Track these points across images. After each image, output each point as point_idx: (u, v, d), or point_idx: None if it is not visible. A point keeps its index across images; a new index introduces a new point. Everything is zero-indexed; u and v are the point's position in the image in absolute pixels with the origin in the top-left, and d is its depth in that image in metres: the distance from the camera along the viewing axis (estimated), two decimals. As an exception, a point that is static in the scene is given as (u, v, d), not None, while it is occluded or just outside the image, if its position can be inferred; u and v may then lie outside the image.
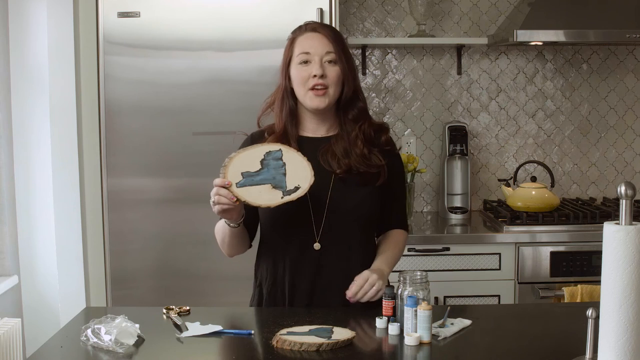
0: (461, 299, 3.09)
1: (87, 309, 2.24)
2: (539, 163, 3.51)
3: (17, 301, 2.89)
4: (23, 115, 2.87)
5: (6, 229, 2.82)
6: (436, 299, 3.04)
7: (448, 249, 3.09)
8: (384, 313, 1.89)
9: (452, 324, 1.89)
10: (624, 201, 1.46)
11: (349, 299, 1.96)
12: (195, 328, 1.88)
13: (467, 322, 1.91)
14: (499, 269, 3.10)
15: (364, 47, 3.58)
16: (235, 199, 1.88)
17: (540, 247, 3.09)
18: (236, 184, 1.89)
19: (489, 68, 3.66)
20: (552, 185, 3.38)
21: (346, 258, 2.07)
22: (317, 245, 2.04)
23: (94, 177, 3.10)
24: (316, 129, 2.12)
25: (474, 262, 3.10)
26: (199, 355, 1.78)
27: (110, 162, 2.99)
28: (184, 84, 2.97)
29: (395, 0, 3.61)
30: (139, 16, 2.94)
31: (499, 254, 3.10)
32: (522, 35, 3.15)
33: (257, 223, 2.15)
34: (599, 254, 2.00)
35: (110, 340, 1.74)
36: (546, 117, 3.69)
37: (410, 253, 3.06)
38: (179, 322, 1.88)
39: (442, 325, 1.87)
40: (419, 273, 1.87)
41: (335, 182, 2.06)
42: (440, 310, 1.96)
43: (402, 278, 1.87)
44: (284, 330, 1.80)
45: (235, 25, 2.95)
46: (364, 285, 1.95)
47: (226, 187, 1.88)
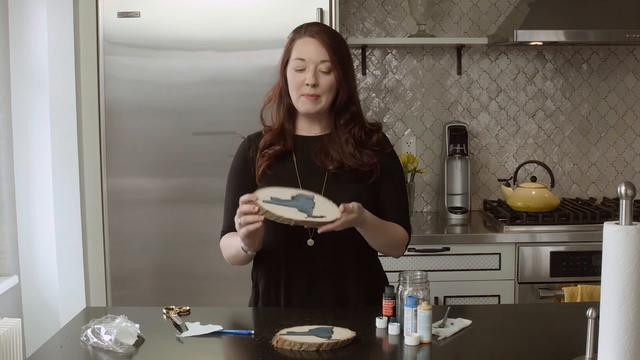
0: (461, 299, 3.09)
1: (87, 309, 2.24)
2: (539, 163, 3.51)
3: (17, 301, 2.89)
4: (23, 115, 2.87)
5: (6, 229, 2.82)
6: (436, 299, 3.04)
7: (448, 249, 3.09)
8: (384, 313, 1.89)
9: (452, 324, 1.89)
10: (624, 201, 1.46)
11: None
12: (195, 328, 1.88)
13: (467, 322, 1.91)
14: (499, 269, 3.10)
15: (364, 47, 3.58)
16: (257, 210, 1.86)
17: (540, 247, 3.09)
18: (263, 201, 1.89)
19: (489, 68, 3.66)
20: (552, 185, 3.38)
21: (340, 255, 2.07)
22: (310, 242, 2.04)
23: (94, 177, 3.10)
24: (310, 128, 2.14)
25: (474, 262, 3.10)
26: (199, 355, 1.77)
27: (110, 162, 2.99)
28: (184, 84, 2.97)
29: (395, 0, 3.61)
30: (139, 16, 2.94)
31: (499, 254, 3.10)
32: (522, 35, 3.15)
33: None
34: (599, 254, 2.00)
35: (110, 340, 1.74)
36: (546, 117, 3.69)
37: (410, 253, 3.06)
38: (179, 322, 1.88)
39: (442, 325, 1.87)
40: (419, 273, 1.87)
41: (329, 179, 2.07)
42: (440, 310, 1.96)
43: (402, 278, 1.87)
44: (284, 330, 1.80)
45: (235, 25, 2.95)
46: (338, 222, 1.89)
47: (252, 201, 1.87)
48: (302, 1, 2.93)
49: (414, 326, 1.77)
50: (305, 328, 1.82)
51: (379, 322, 1.87)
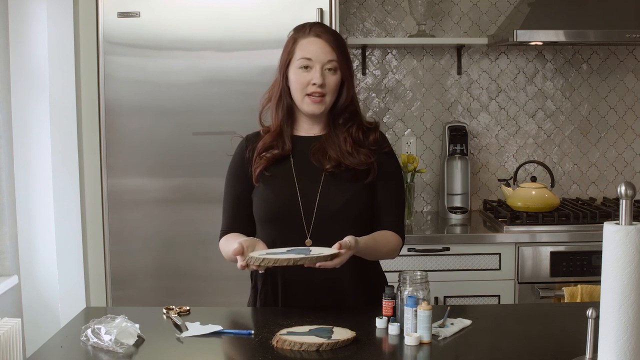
0: (461, 299, 3.09)
1: (87, 309, 2.24)
2: (539, 163, 3.51)
3: (17, 301, 2.89)
4: (23, 115, 2.87)
5: (6, 229, 2.82)
6: (436, 299, 3.04)
7: (448, 249, 3.09)
8: (384, 313, 1.89)
9: (452, 324, 1.89)
10: (624, 201, 1.46)
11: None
12: (195, 328, 1.88)
13: (467, 322, 1.91)
14: (499, 269, 3.10)
15: (364, 47, 3.58)
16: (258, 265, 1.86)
17: (540, 247, 3.09)
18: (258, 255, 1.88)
19: (489, 68, 3.66)
20: (552, 185, 3.38)
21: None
22: (308, 241, 2.04)
23: (94, 177, 3.10)
24: (310, 128, 2.14)
25: (474, 262, 3.10)
26: (199, 355, 1.77)
27: (110, 162, 2.99)
28: (184, 84, 2.97)
29: (395, 0, 3.61)
30: (139, 16, 2.94)
31: (499, 254, 3.10)
32: (522, 35, 3.15)
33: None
34: (599, 254, 2.01)
35: (110, 340, 1.74)
36: (546, 117, 3.69)
37: (410, 253, 3.06)
38: (179, 322, 1.88)
39: (442, 325, 1.87)
40: (419, 273, 1.87)
41: (326, 178, 2.07)
42: (440, 310, 1.96)
43: (402, 278, 1.87)
44: (284, 330, 1.80)
45: (235, 25, 2.95)
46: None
47: (248, 265, 1.87)
48: (302, 1, 2.93)
49: (414, 326, 1.77)
50: (305, 328, 1.82)
51: (379, 322, 1.87)
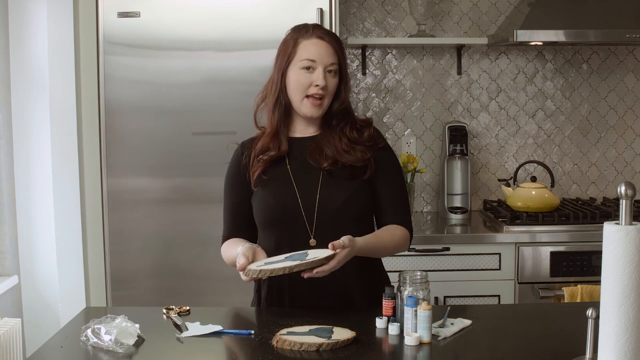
0: (461, 299, 3.09)
1: (87, 309, 2.24)
2: (539, 163, 3.51)
3: (17, 301, 2.89)
4: (23, 115, 2.87)
5: (6, 229, 2.82)
6: (436, 299, 3.04)
7: (448, 249, 3.09)
8: (384, 313, 1.89)
9: (452, 324, 1.89)
10: (624, 201, 1.46)
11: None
12: (195, 328, 1.88)
13: (467, 322, 1.91)
14: (499, 269, 3.10)
15: (364, 47, 3.58)
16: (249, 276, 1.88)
17: (540, 247, 3.09)
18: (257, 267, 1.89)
19: (489, 68, 3.66)
20: (552, 185, 3.38)
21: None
22: (312, 242, 2.04)
23: (94, 177, 3.10)
24: (304, 129, 2.14)
25: (474, 262, 3.10)
26: (199, 355, 1.78)
27: (110, 162, 2.99)
28: (184, 84, 2.97)
29: (395, 0, 3.61)
30: (139, 16, 2.94)
31: (499, 254, 3.10)
32: (522, 35, 3.15)
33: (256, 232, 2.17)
34: (599, 254, 2.01)
35: (110, 340, 1.74)
36: (546, 117, 3.69)
37: (410, 253, 3.06)
38: (179, 322, 1.88)
39: (442, 325, 1.87)
40: (419, 273, 1.87)
41: (324, 177, 2.07)
42: (440, 310, 1.96)
43: (402, 278, 1.87)
44: (284, 330, 1.80)
45: (235, 25, 2.95)
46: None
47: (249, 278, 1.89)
48: (302, 1, 2.93)
49: (414, 326, 1.77)
50: (305, 328, 1.82)
51: (379, 322, 1.87)
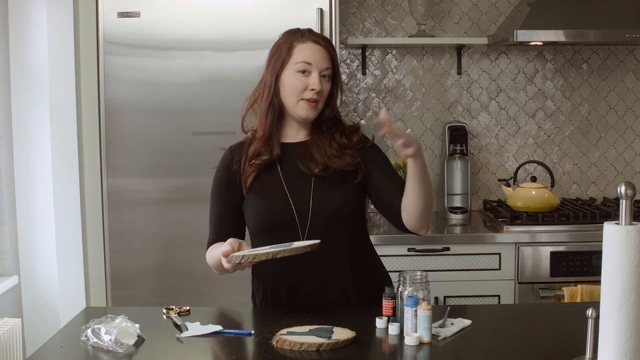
0: (461, 299, 3.09)
1: (87, 309, 2.24)
2: (539, 163, 3.51)
3: (17, 301, 2.89)
4: (23, 115, 2.87)
5: (6, 229, 2.82)
6: (436, 299, 3.04)
7: (448, 249, 3.09)
8: (384, 313, 1.89)
9: (452, 324, 1.89)
10: (624, 201, 1.46)
11: (382, 121, 1.82)
12: (195, 328, 1.88)
13: (467, 322, 1.91)
14: (499, 269, 3.10)
15: (364, 47, 3.58)
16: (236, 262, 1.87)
17: (540, 247, 3.09)
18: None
19: (489, 68, 3.66)
20: (552, 185, 3.38)
21: (336, 257, 2.06)
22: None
23: (94, 177, 3.10)
24: (295, 134, 2.13)
25: (474, 262, 3.10)
26: (199, 355, 1.78)
27: (110, 162, 2.99)
28: (184, 84, 2.97)
29: (395, 0, 3.61)
30: (139, 16, 2.94)
31: (499, 254, 3.10)
32: (522, 35, 3.15)
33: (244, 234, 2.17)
34: (599, 254, 2.00)
35: (110, 340, 1.74)
36: (546, 117, 3.69)
37: (410, 253, 3.06)
38: (179, 322, 1.88)
39: (442, 325, 1.87)
40: (419, 273, 1.87)
41: (316, 183, 2.07)
42: (440, 310, 1.96)
43: (402, 278, 1.87)
44: (284, 330, 1.80)
45: (235, 25, 2.95)
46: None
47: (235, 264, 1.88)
48: (302, 1, 2.93)
49: (414, 326, 1.77)
50: (305, 328, 1.82)
51: (379, 322, 1.87)
